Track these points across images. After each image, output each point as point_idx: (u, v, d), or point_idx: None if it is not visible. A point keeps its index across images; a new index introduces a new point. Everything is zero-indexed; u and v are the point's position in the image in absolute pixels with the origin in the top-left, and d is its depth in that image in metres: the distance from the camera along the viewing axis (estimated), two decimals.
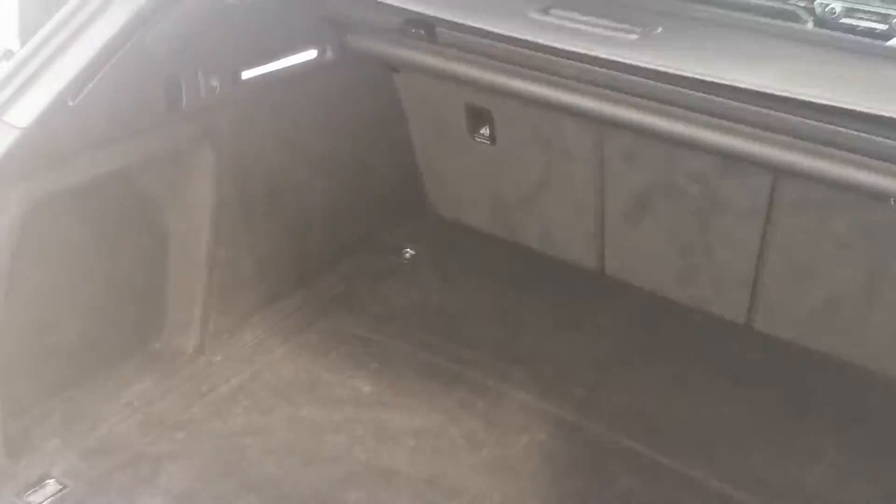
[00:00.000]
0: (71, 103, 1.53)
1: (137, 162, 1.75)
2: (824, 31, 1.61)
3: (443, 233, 2.68)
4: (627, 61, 1.54)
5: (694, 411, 2.01)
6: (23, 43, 1.64)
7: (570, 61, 1.78)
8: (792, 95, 1.42)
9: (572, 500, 1.74)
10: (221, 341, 2.06)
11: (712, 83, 1.52)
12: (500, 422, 1.93)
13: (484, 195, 2.58)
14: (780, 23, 1.65)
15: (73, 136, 1.56)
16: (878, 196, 1.72)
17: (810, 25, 1.63)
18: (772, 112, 1.68)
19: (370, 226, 2.57)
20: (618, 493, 1.77)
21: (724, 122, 1.80)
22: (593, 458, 1.86)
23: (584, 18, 1.62)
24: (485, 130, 2.41)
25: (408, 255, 2.57)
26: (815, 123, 1.65)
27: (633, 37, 1.56)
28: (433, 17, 1.84)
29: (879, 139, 1.58)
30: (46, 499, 1.62)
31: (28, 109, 1.49)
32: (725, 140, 1.84)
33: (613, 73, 1.73)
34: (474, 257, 2.57)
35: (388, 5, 1.73)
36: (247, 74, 1.96)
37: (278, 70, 2.06)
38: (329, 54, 2.19)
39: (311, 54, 2.15)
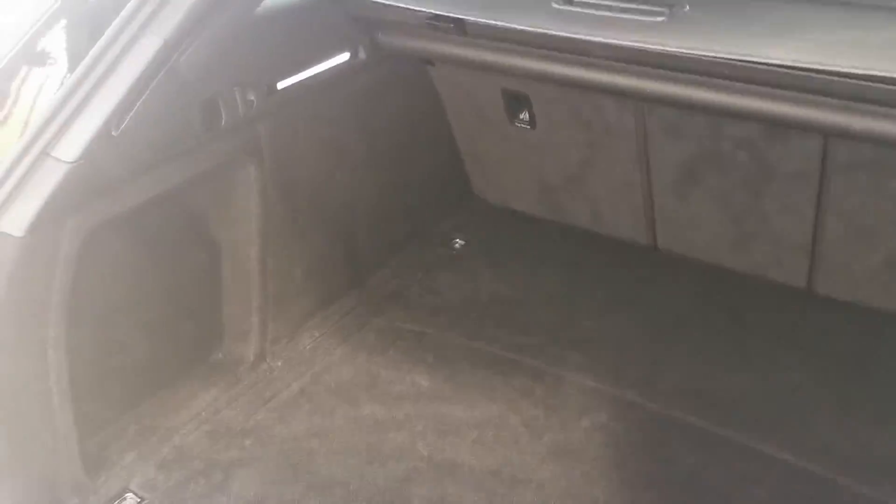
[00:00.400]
0: (114, 133, 1.57)
1: (183, 182, 1.80)
2: None
3: (491, 220, 2.68)
4: (658, 48, 1.52)
5: (756, 382, 1.98)
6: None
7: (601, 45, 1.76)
8: (828, 68, 1.38)
9: (637, 481, 1.74)
10: (280, 347, 2.11)
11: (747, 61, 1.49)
12: (559, 407, 1.94)
13: (529, 179, 2.58)
14: None
15: (119, 165, 1.61)
16: None
17: None
18: (814, 75, 1.65)
19: (419, 220, 2.58)
20: (683, 472, 1.76)
21: (767, 90, 1.76)
22: (655, 437, 1.85)
23: (608, 3, 1.59)
24: (524, 115, 2.40)
25: (458, 245, 2.58)
26: (860, 83, 1.61)
27: (661, 19, 1.53)
28: (456, 17, 1.84)
29: None
30: None
31: (74, 143, 1.54)
32: (770, 106, 1.80)
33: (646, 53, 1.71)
34: (524, 242, 2.57)
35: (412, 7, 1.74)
36: (282, 84, 1.99)
37: (313, 76, 2.09)
38: (362, 55, 2.20)
39: (343, 56, 2.17)
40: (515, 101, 2.38)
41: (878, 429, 1.83)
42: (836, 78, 1.63)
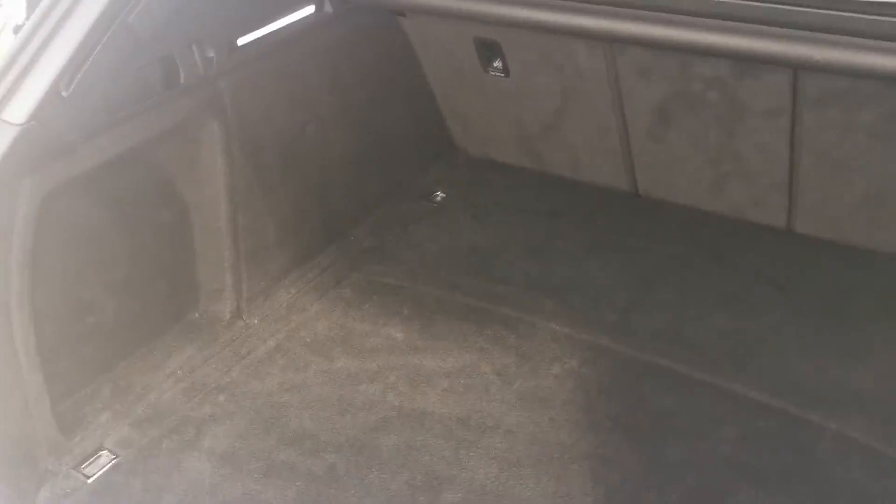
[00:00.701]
0: (64, 93, 1.57)
1: (144, 141, 1.80)
2: None
3: (473, 172, 2.67)
4: None
5: (733, 323, 1.97)
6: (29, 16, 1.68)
7: None
8: None
9: (604, 424, 1.74)
10: (257, 304, 2.12)
11: None
12: (531, 354, 1.94)
13: (508, 129, 2.55)
14: None
15: (72, 126, 1.61)
16: (886, 77, 1.63)
17: None
18: (778, 6, 1.61)
19: (399, 173, 2.57)
20: (651, 414, 1.76)
21: (732, 24, 1.73)
22: (626, 381, 1.85)
23: None
24: (497, 63, 2.37)
25: (438, 198, 2.57)
26: (826, 12, 1.58)
27: None
28: None
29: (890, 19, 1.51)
30: (101, 469, 1.72)
31: (23, 105, 1.54)
32: (737, 42, 1.76)
33: None
34: (506, 193, 2.55)
35: None
36: (243, 40, 1.98)
37: (276, 31, 2.07)
38: (328, 7, 2.18)
39: (308, 10, 2.15)
40: (488, 50, 2.34)
41: (850, 365, 1.81)
42: (799, 7, 1.61)
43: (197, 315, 2.08)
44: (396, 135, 2.54)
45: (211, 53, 1.88)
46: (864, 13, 1.56)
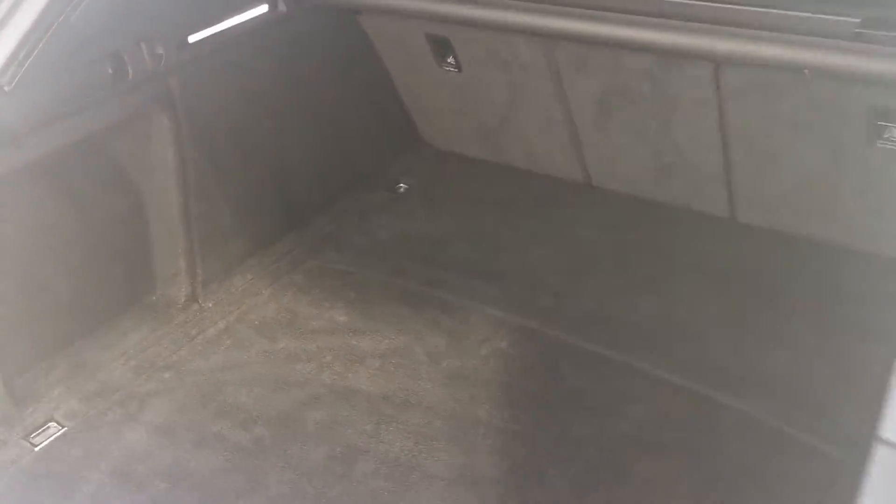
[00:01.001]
0: (7, 88, 1.69)
1: (94, 133, 1.91)
2: None
3: (437, 165, 2.75)
4: None
5: (660, 308, 2.03)
6: None
7: None
8: None
9: (520, 401, 1.81)
10: (213, 288, 2.23)
11: None
12: (463, 336, 2.02)
13: (468, 123, 2.63)
14: None
15: (17, 118, 1.73)
16: (797, 68, 1.69)
17: None
18: (694, 3, 1.70)
19: (364, 165, 2.67)
20: (566, 392, 1.83)
21: (654, 20, 1.82)
22: (548, 362, 1.92)
23: None
24: (450, 59, 2.45)
25: (401, 189, 2.66)
26: (736, 7, 1.66)
27: None
28: None
29: (784, 12, 1.59)
30: (48, 438, 1.84)
31: None
32: (660, 37, 1.85)
33: None
34: (466, 185, 2.64)
35: None
36: (195, 38, 2.08)
37: (230, 28, 2.17)
38: (282, 7, 2.28)
39: (262, 9, 2.25)
40: (440, 46, 2.43)
41: (770, 349, 1.86)
42: (714, 4, 1.68)
43: (154, 298, 2.20)
44: (360, 128, 2.64)
45: (160, 50, 1.98)
46: (773, 7, 1.64)
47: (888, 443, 0.75)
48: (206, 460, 1.75)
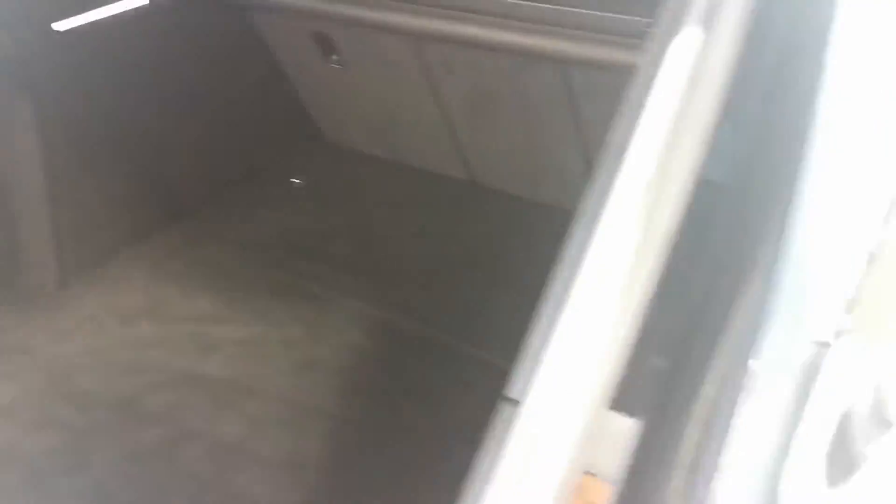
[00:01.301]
0: None
1: None
2: None
3: (334, 161, 2.77)
4: None
5: (506, 302, 2.06)
6: None
7: None
8: None
9: (359, 387, 1.84)
10: (85, 274, 2.24)
11: None
12: (320, 327, 2.04)
13: (362, 120, 2.66)
14: None
15: None
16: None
17: None
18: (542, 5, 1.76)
19: (256, 160, 2.69)
20: (408, 380, 1.85)
21: (505, 21, 1.89)
22: (396, 352, 1.94)
23: None
24: (335, 56, 2.48)
25: (295, 184, 2.68)
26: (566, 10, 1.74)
27: None
28: None
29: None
30: None
31: None
32: (513, 38, 1.91)
33: None
34: (360, 181, 2.66)
35: None
36: (62, 26, 2.10)
37: (106, 18, 2.19)
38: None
39: (142, 1, 2.27)
40: (325, 44, 2.45)
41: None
42: (544, 5, 1.73)
43: (21, 282, 2.21)
44: (252, 124, 2.66)
45: (22, 37, 2.00)
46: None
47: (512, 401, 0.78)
48: (41, 441, 1.75)
